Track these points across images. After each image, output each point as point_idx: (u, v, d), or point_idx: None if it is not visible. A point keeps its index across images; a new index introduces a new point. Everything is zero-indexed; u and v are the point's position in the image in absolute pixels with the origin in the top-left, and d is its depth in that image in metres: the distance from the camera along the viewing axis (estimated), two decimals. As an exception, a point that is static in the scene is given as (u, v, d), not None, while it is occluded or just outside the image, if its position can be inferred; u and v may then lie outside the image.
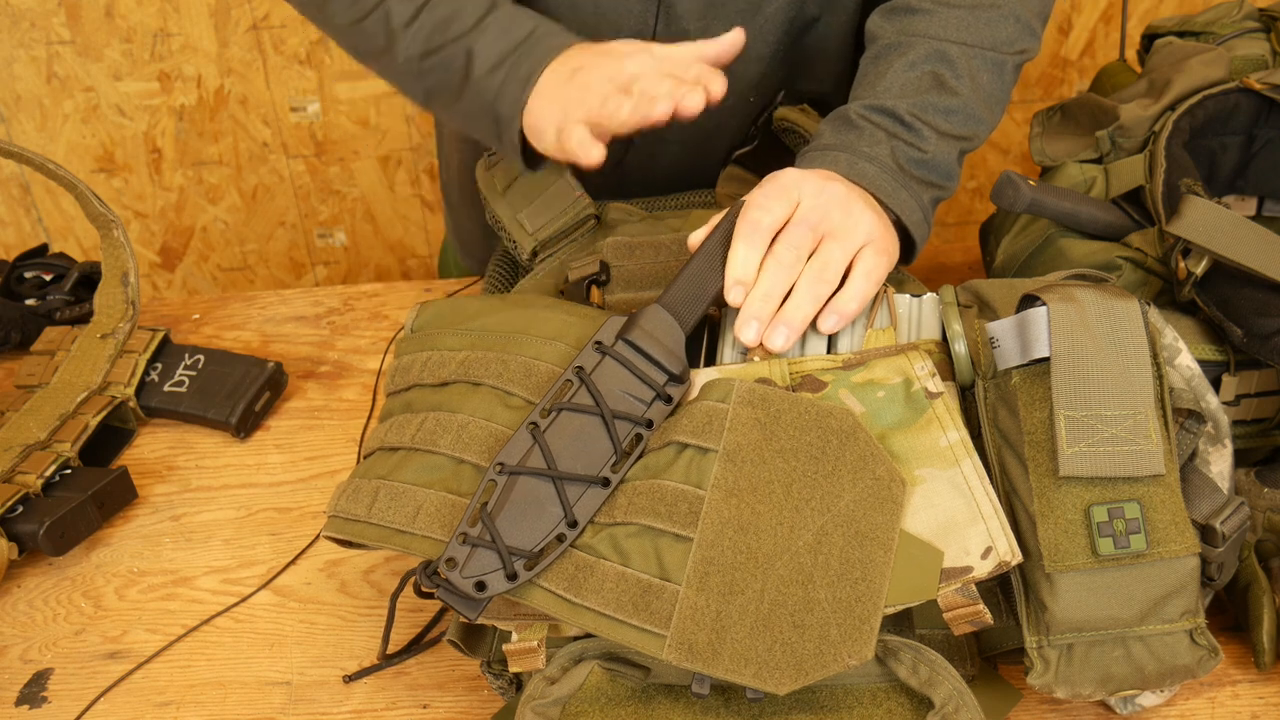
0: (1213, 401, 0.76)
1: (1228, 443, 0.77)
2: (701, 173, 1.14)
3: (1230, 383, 0.85)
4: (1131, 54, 1.15)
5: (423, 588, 0.73)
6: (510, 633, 0.76)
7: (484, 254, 1.29)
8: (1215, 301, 0.83)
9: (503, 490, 0.74)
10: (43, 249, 1.24)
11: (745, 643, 0.69)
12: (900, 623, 0.76)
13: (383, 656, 0.85)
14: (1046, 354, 0.74)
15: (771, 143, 1.11)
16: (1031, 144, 1.06)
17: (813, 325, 0.83)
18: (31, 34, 2.04)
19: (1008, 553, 0.71)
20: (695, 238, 0.87)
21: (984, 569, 0.71)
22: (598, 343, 0.80)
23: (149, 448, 1.06)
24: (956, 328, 0.80)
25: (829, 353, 0.83)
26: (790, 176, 0.85)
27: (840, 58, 1.12)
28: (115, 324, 1.09)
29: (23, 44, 2.05)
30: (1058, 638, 0.71)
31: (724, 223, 0.85)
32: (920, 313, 0.84)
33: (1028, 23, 0.96)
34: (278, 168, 2.19)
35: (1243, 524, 0.75)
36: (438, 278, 1.45)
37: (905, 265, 0.93)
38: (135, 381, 1.06)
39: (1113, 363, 0.73)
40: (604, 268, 0.95)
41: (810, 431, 0.75)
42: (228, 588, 0.93)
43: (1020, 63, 0.98)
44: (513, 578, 0.72)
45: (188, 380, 1.07)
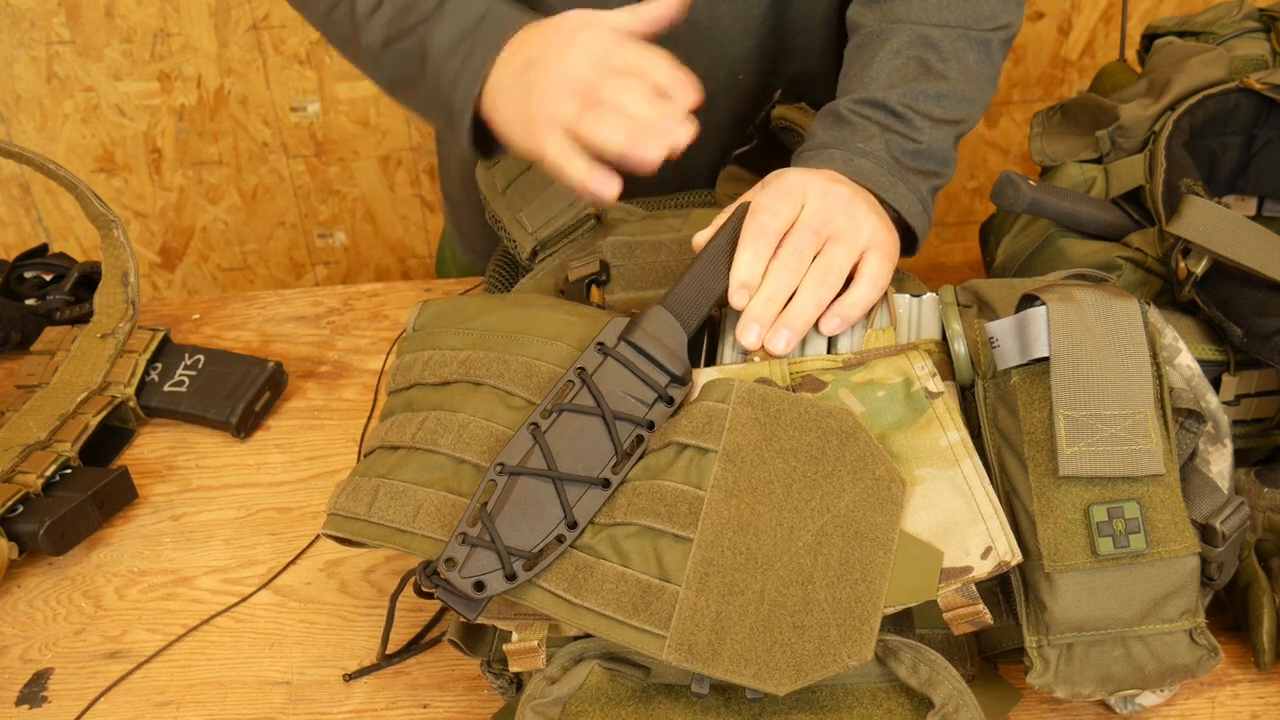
0: (1213, 401, 0.76)
1: (1228, 442, 0.77)
2: (697, 159, 1.14)
3: (1230, 383, 0.85)
4: (1131, 54, 1.15)
5: (423, 588, 0.73)
6: (510, 632, 0.76)
7: (485, 248, 1.29)
8: (1215, 301, 0.83)
9: (503, 490, 0.74)
10: (43, 249, 1.24)
11: (745, 643, 0.69)
12: (900, 623, 0.76)
13: (382, 656, 0.85)
14: (1046, 354, 0.74)
15: (770, 142, 1.11)
16: (1031, 144, 1.06)
17: (814, 326, 0.83)
18: (31, 34, 2.04)
19: (1007, 553, 0.71)
20: (700, 238, 0.87)
21: (984, 569, 0.71)
22: (600, 344, 0.80)
23: (149, 448, 1.06)
24: (956, 327, 0.80)
25: (829, 353, 0.83)
26: (795, 178, 0.85)
27: (825, 33, 1.12)
28: (115, 324, 1.09)
29: (23, 44, 2.05)
30: (1057, 637, 0.71)
31: (729, 224, 0.85)
32: (920, 313, 0.84)
33: None
34: (278, 168, 2.19)
35: (1243, 524, 0.75)
36: (435, 276, 1.45)
37: (908, 256, 0.93)
38: (135, 381, 1.06)
39: (1112, 362, 0.73)
40: (604, 267, 0.95)
41: (810, 432, 0.75)
42: (228, 587, 0.93)
43: (1006, 38, 0.98)
44: (512, 578, 0.72)
45: (188, 380, 1.07)
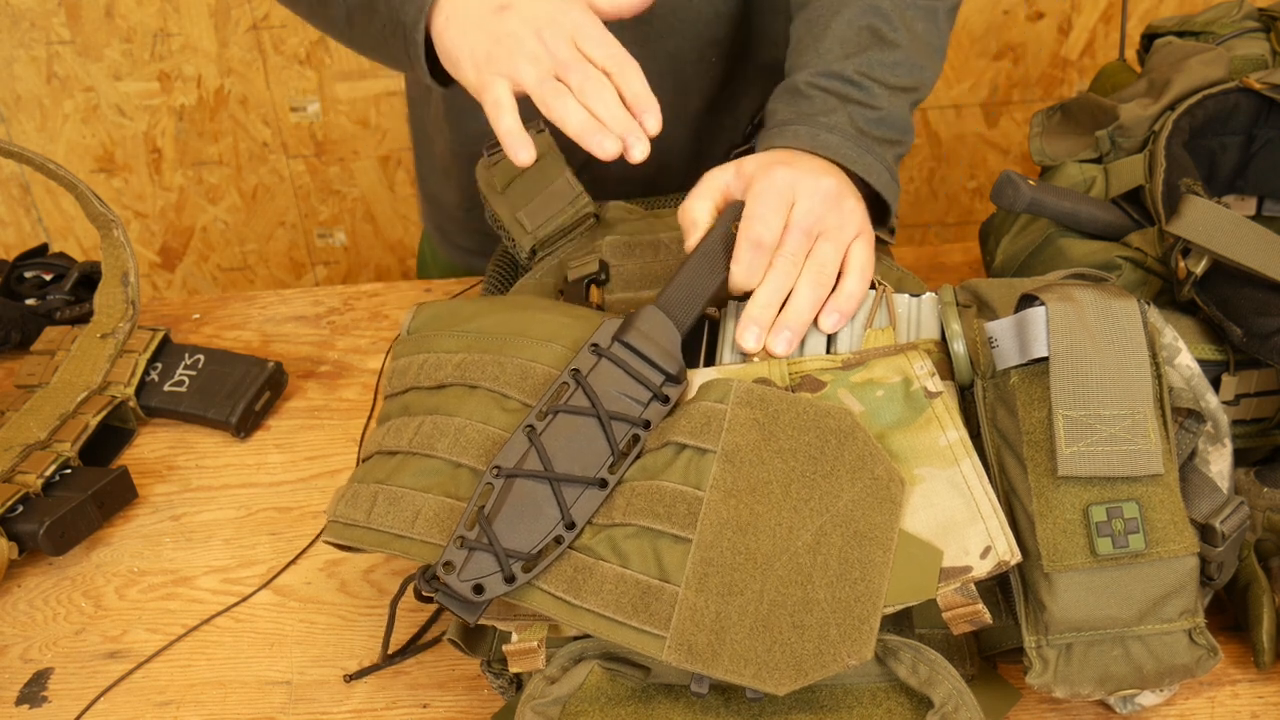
0: (1212, 401, 0.76)
1: (1227, 442, 0.77)
2: (673, 146, 1.14)
3: (1230, 382, 0.85)
4: (1131, 54, 1.15)
5: (423, 593, 0.74)
6: (510, 633, 0.76)
7: (469, 242, 1.30)
8: (1215, 301, 0.83)
9: (499, 493, 0.74)
10: (43, 249, 1.24)
11: (745, 643, 0.69)
12: (900, 622, 0.76)
13: (384, 660, 0.84)
14: (1045, 354, 0.74)
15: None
16: (1031, 144, 1.06)
17: (813, 324, 0.83)
18: (31, 34, 2.04)
19: (1007, 552, 0.71)
20: (691, 240, 0.87)
21: (983, 568, 0.71)
22: (594, 345, 0.80)
23: (149, 447, 1.06)
24: (955, 327, 0.80)
25: (828, 353, 0.83)
26: (782, 177, 0.85)
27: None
28: (115, 324, 1.09)
29: (23, 44, 2.05)
30: (1057, 637, 0.71)
31: (719, 224, 0.85)
32: (919, 312, 0.84)
33: None
34: (278, 168, 2.19)
35: (1242, 524, 0.75)
36: (415, 278, 1.45)
37: (881, 227, 0.93)
38: (135, 381, 1.06)
39: (1111, 362, 0.73)
40: (603, 267, 0.95)
41: (809, 431, 0.75)
42: (228, 587, 0.93)
43: (950, 7, 0.99)
44: (510, 580, 0.72)
45: (188, 380, 1.07)
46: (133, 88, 2.09)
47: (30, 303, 1.17)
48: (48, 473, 0.96)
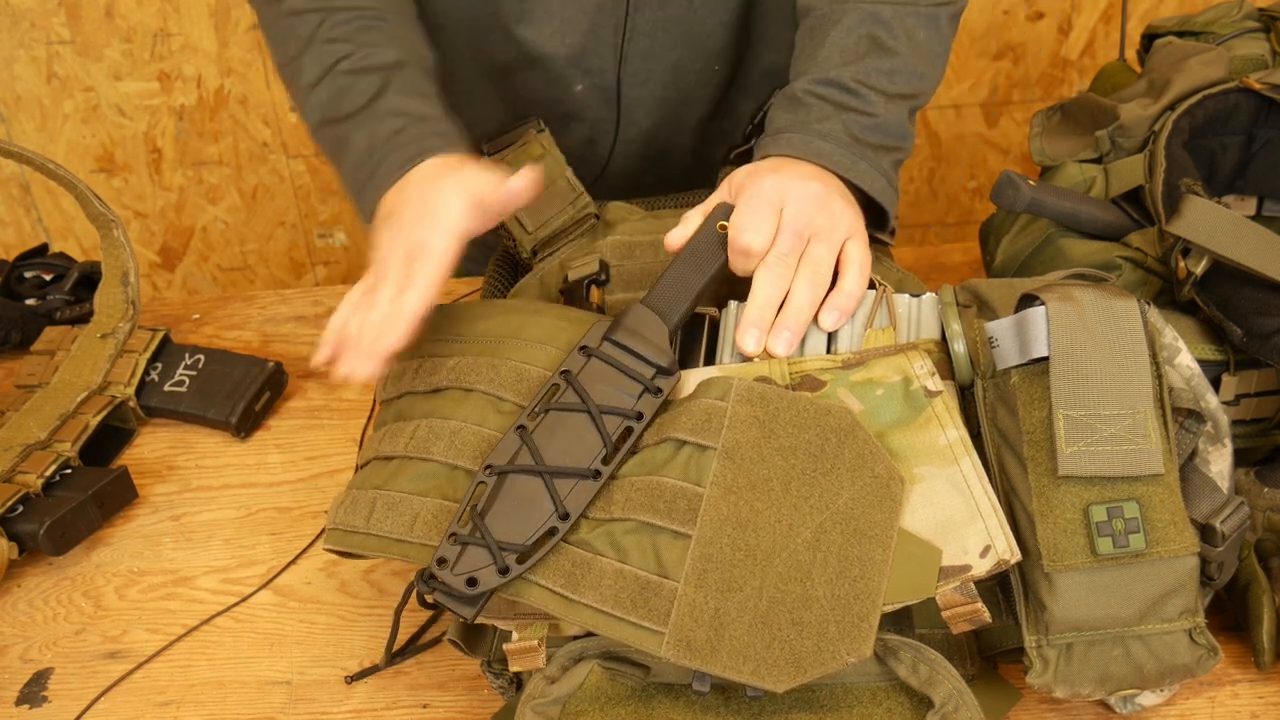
0: (1212, 401, 0.76)
1: (1227, 442, 0.77)
2: (677, 153, 1.14)
3: (1230, 382, 0.85)
4: (1131, 54, 1.15)
5: (425, 596, 0.74)
6: (510, 632, 0.76)
7: (466, 247, 1.30)
8: (1215, 301, 0.83)
9: (492, 490, 0.75)
10: (43, 249, 1.24)
11: (743, 640, 0.69)
12: (900, 622, 0.76)
13: (387, 662, 0.84)
14: (1045, 353, 0.74)
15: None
16: (1031, 144, 1.06)
17: (813, 323, 0.83)
18: (31, 34, 2.04)
19: (1006, 551, 0.71)
20: (673, 237, 0.87)
21: (982, 567, 0.71)
22: (583, 347, 0.80)
23: (149, 447, 1.06)
24: (955, 327, 0.80)
25: (829, 352, 0.83)
26: (770, 184, 0.86)
27: (796, 24, 1.13)
28: (115, 324, 1.09)
29: (23, 44, 2.05)
30: (1057, 637, 0.71)
31: (706, 224, 0.86)
32: (919, 312, 0.84)
33: None
34: (278, 168, 2.19)
35: (1242, 523, 0.75)
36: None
37: (880, 231, 0.94)
38: (135, 381, 1.06)
39: (1111, 362, 0.73)
40: (603, 267, 0.95)
41: (809, 429, 0.75)
42: (228, 587, 0.93)
43: (953, 13, 0.99)
44: (504, 572, 0.72)
45: (188, 380, 1.07)
46: (133, 88, 2.09)
47: (30, 303, 1.17)
48: (48, 473, 0.96)
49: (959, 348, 0.80)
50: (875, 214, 0.93)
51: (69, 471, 0.98)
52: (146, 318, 1.19)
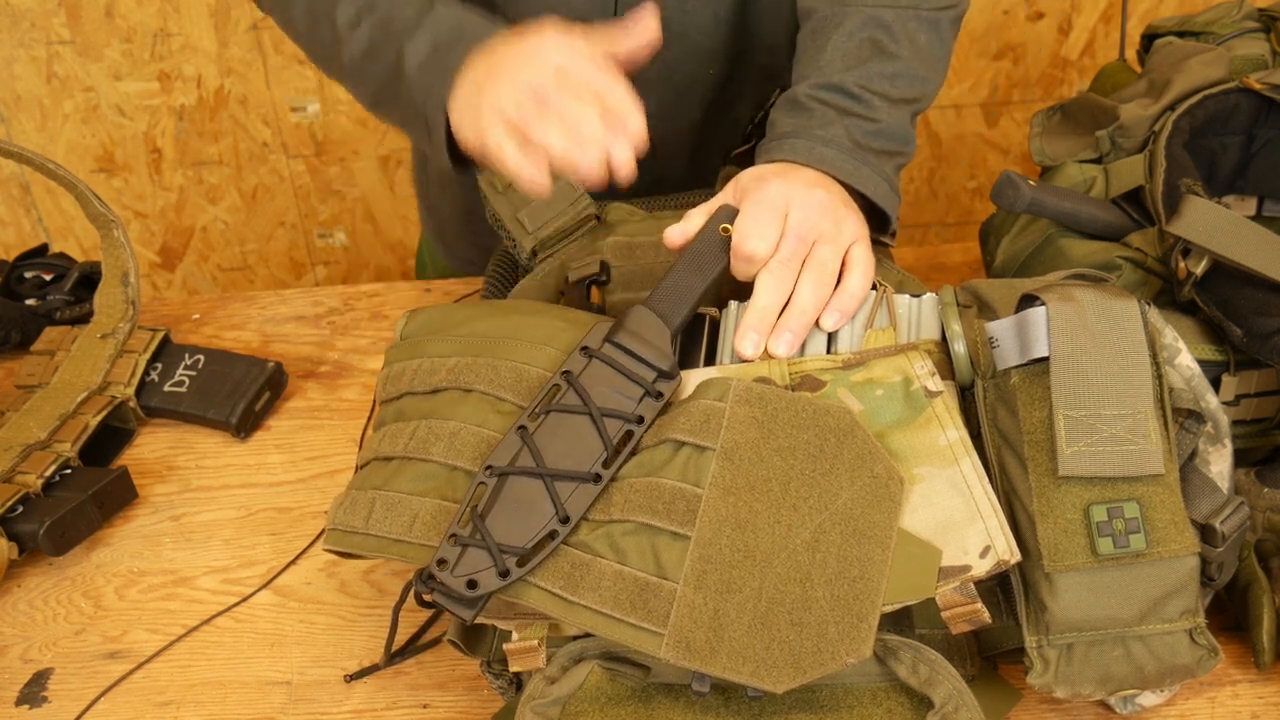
0: (1212, 401, 0.76)
1: (1227, 443, 0.77)
2: (673, 155, 1.14)
3: (1230, 383, 0.85)
4: (1131, 54, 1.15)
5: (423, 596, 0.74)
6: (510, 632, 0.76)
7: (465, 250, 1.30)
8: (1215, 301, 0.83)
9: (493, 491, 0.75)
10: (43, 249, 1.24)
11: (743, 641, 0.69)
12: (900, 622, 0.76)
13: (386, 662, 0.84)
14: (1046, 354, 0.74)
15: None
16: (1031, 144, 1.06)
17: (815, 324, 0.84)
18: (31, 34, 2.04)
19: (1006, 551, 0.71)
20: (674, 235, 0.87)
21: (982, 568, 0.71)
22: (585, 347, 0.80)
23: (149, 448, 1.06)
24: (956, 328, 0.80)
25: (829, 353, 0.83)
26: (775, 189, 0.86)
27: (793, 25, 1.13)
28: (115, 324, 1.09)
29: (23, 44, 2.05)
30: (1057, 637, 0.71)
31: (709, 225, 0.86)
32: (920, 313, 0.84)
33: None
34: (278, 168, 2.19)
35: (1242, 524, 0.75)
36: (415, 279, 1.45)
37: (882, 234, 0.94)
38: (135, 381, 1.06)
39: (1112, 362, 0.73)
40: (604, 268, 0.95)
41: (808, 430, 0.75)
42: (228, 588, 0.93)
43: (955, 17, 1.00)
44: (505, 575, 0.72)
45: (188, 380, 1.07)
46: (133, 88, 2.09)
47: (30, 303, 1.17)
48: (48, 473, 0.96)
49: (959, 348, 0.80)
50: (877, 218, 0.93)
51: (69, 471, 0.98)
52: (146, 318, 1.19)
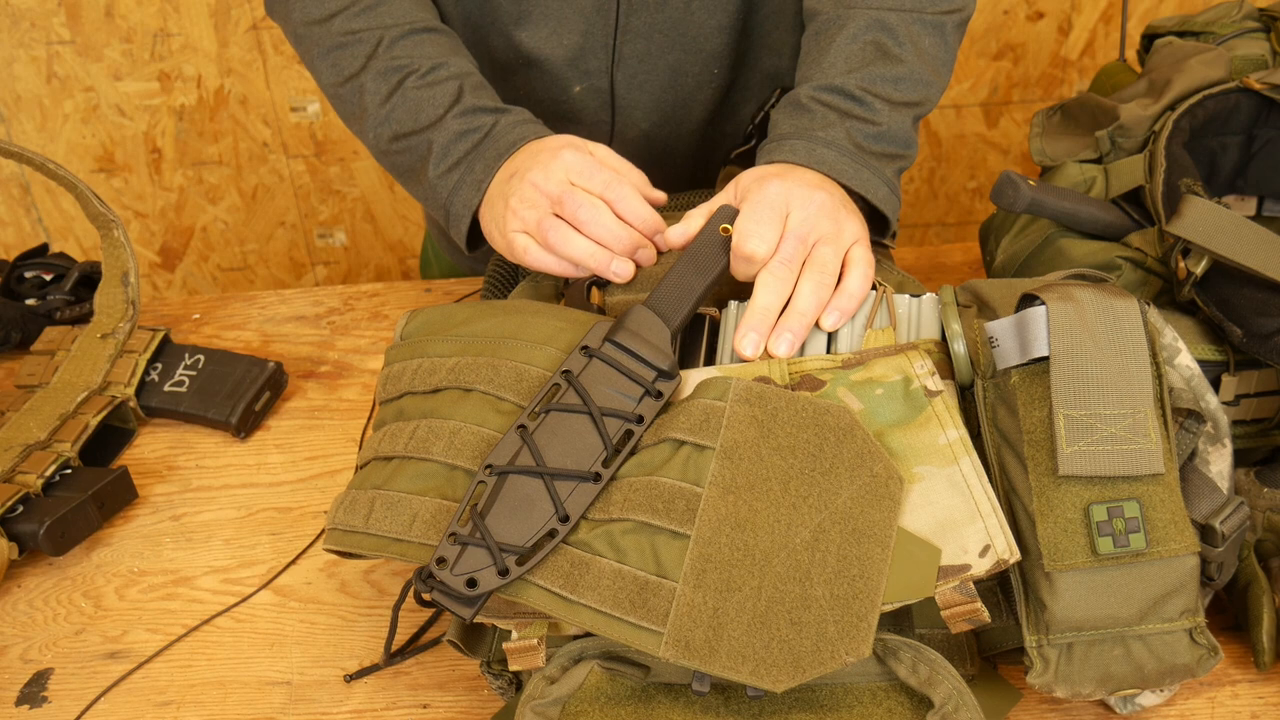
0: (1212, 401, 0.76)
1: (1227, 442, 0.77)
2: (678, 158, 1.14)
3: (1230, 383, 0.85)
4: (1131, 54, 1.15)
5: (423, 594, 0.74)
6: (510, 631, 0.76)
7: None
8: (1215, 301, 0.83)
9: (493, 490, 0.75)
10: (43, 249, 1.24)
11: (742, 640, 0.69)
12: (900, 622, 0.76)
13: (386, 661, 0.84)
14: (1045, 353, 0.74)
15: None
16: (1031, 144, 1.06)
17: (815, 324, 0.84)
18: (31, 34, 2.04)
19: (1005, 551, 0.71)
20: (674, 235, 0.88)
21: (982, 567, 0.71)
22: (585, 347, 0.80)
23: (149, 448, 1.06)
24: (956, 327, 0.80)
25: (829, 352, 0.83)
26: (775, 190, 0.86)
27: (796, 27, 1.13)
28: (115, 324, 1.09)
29: (23, 44, 2.05)
30: (1057, 637, 0.71)
31: (709, 225, 0.87)
32: (919, 313, 0.84)
33: None
34: (278, 168, 2.19)
35: (1242, 524, 0.75)
36: (421, 277, 1.45)
37: (881, 237, 0.95)
38: (135, 381, 1.06)
39: (1112, 362, 0.73)
40: (604, 268, 0.95)
41: (807, 429, 0.75)
42: (228, 588, 0.93)
43: (960, 21, 1.00)
44: (504, 573, 0.72)
45: (188, 380, 1.07)
46: (133, 88, 2.09)
47: (30, 303, 1.17)
48: (48, 473, 0.96)
49: (959, 348, 0.80)
50: (877, 221, 0.93)
51: (69, 471, 0.98)
52: (146, 318, 1.19)
